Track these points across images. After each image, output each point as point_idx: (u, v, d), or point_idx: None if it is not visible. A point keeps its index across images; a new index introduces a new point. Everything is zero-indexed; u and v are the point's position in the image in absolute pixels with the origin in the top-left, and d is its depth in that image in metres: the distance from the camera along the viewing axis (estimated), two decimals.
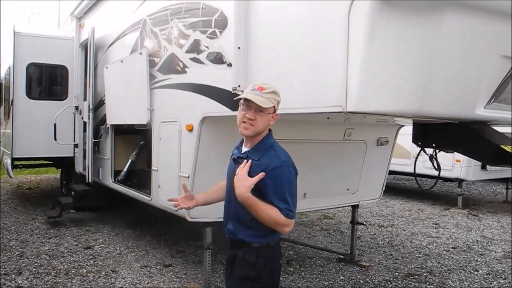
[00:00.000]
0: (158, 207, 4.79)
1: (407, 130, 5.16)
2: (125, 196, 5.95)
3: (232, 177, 2.30)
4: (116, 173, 6.32)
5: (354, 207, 5.62)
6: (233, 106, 3.41)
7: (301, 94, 2.71)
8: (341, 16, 2.38)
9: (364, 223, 7.11)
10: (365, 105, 2.37)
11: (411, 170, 9.58)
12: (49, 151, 7.87)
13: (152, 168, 4.82)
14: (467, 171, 8.89)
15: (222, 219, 2.40)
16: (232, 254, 2.39)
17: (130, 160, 6.46)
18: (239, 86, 3.22)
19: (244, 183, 2.16)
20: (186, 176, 4.06)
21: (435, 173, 3.63)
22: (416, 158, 3.84)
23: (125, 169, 6.38)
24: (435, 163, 3.69)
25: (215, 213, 3.44)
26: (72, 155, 7.88)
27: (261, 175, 2.17)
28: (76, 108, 7.58)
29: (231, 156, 2.49)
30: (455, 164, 8.80)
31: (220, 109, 3.59)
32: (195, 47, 3.93)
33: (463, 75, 2.57)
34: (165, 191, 4.55)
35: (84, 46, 7.33)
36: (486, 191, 12.19)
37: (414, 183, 12.96)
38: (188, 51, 4.04)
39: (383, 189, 5.57)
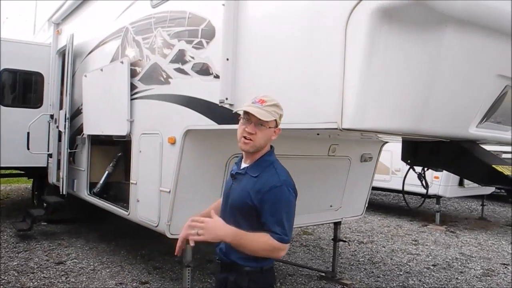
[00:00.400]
0: (136, 222, 4.60)
1: (387, 146, 5.18)
2: (100, 209, 5.74)
3: (228, 193, 2.20)
4: (92, 185, 6.11)
5: (337, 224, 5.54)
6: (219, 119, 3.30)
7: (293, 109, 2.59)
8: (338, 29, 2.30)
9: (346, 240, 7.02)
10: (362, 122, 2.28)
11: (390, 186, 9.76)
12: (21, 161, 7.60)
13: (131, 181, 4.64)
14: (445, 188, 9.00)
15: None
16: (222, 278, 2.24)
17: (106, 172, 6.26)
18: (226, 99, 3.11)
19: (216, 224, 2.03)
20: (167, 190, 3.90)
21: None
22: (405, 176, 3.78)
23: (101, 181, 6.18)
24: (423, 182, 3.64)
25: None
26: (45, 165, 7.65)
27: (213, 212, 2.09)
28: (51, 116, 7.36)
29: (230, 172, 2.37)
30: (434, 181, 8.88)
31: (205, 122, 3.47)
32: (179, 57, 3.82)
33: (460, 93, 2.51)
34: (144, 205, 4.37)
35: (62, 53, 7.13)
36: (462, 207, 12.32)
37: (391, 198, 13.05)
38: (172, 61, 3.93)
39: (366, 206, 5.51)
